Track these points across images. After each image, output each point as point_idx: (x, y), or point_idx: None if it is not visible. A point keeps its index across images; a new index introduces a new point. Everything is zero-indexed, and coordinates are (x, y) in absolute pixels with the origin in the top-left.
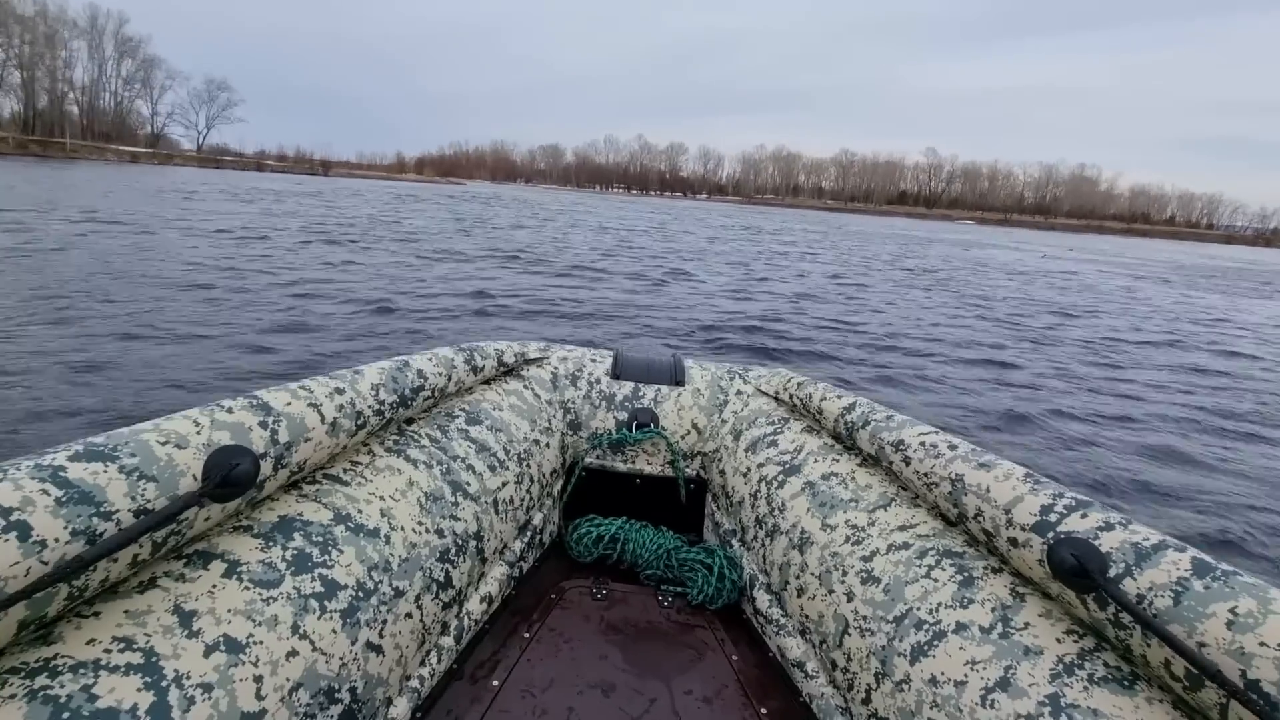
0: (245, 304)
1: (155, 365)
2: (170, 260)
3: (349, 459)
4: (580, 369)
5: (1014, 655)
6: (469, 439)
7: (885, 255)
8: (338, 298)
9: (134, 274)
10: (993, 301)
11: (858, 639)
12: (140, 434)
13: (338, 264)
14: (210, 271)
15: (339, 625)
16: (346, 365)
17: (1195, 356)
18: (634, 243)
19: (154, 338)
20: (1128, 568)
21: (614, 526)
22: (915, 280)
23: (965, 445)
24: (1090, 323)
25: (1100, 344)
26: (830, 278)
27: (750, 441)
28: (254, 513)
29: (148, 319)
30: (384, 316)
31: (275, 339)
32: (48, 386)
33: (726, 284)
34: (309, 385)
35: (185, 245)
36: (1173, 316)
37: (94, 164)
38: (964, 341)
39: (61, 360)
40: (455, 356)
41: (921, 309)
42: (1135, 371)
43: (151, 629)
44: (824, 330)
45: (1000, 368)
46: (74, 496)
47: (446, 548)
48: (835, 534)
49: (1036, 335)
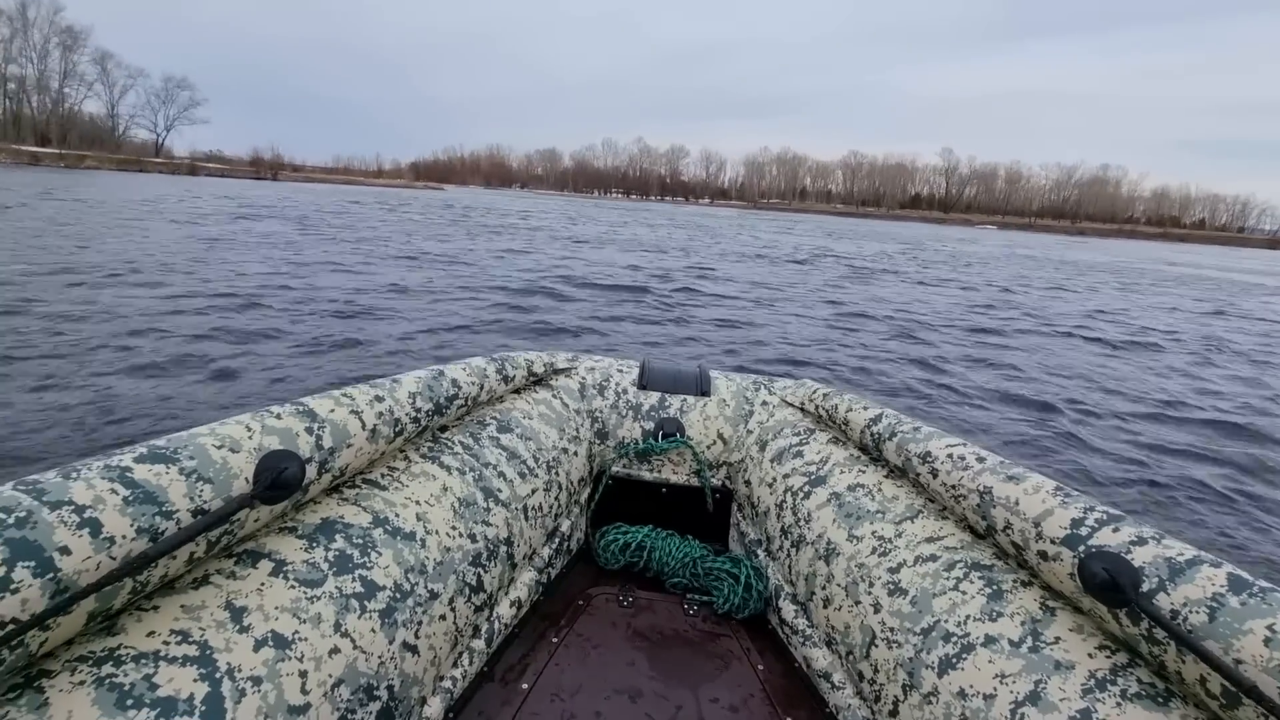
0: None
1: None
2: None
3: (387, 464)
4: (607, 379)
5: (1044, 669)
6: (500, 446)
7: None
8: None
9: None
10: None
11: (885, 650)
12: (198, 437)
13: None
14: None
15: (378, 625)
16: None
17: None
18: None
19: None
20: (1161, 583)
21: (640, 534)
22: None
23: (994, 458)
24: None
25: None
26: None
27: (776, 452)
28: (298, 514)
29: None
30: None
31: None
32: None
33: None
34: (351, 393)
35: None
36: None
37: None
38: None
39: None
40: (488, 366)
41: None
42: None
43: (206, 623)
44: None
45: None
46: (139, 496)
47: (478, 552)
48: (862, 545)
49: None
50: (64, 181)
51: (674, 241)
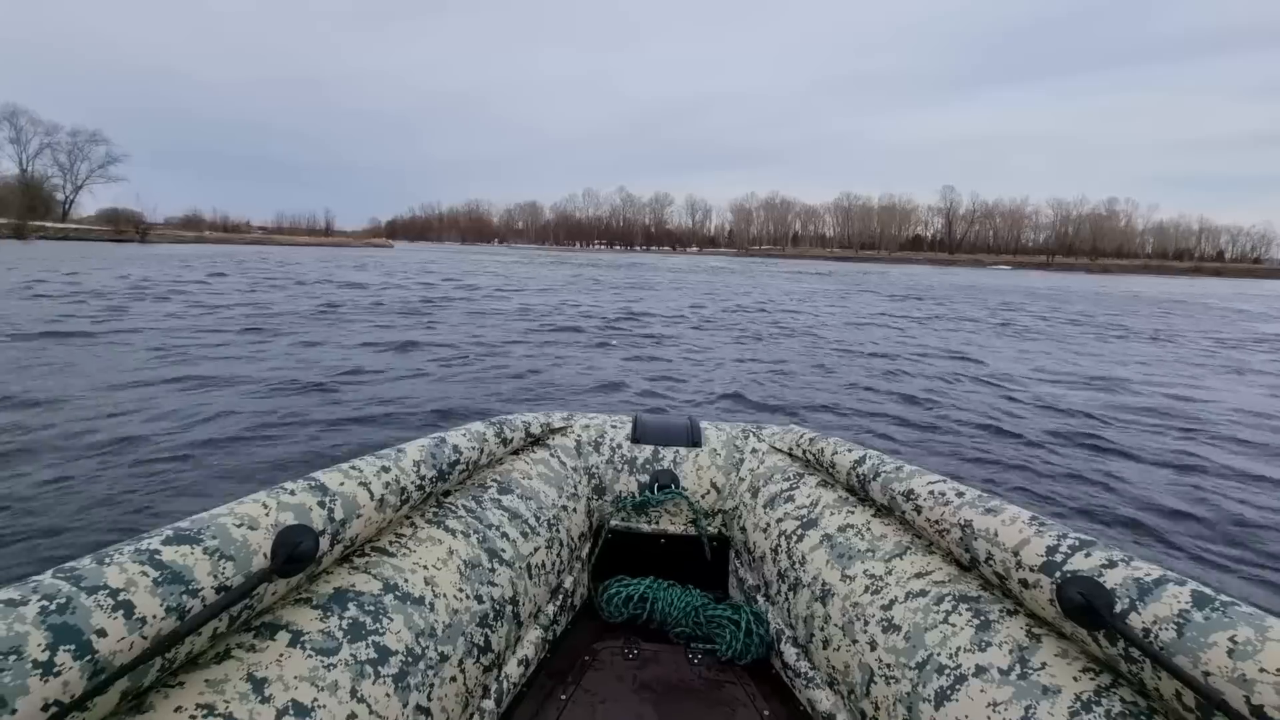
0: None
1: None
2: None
3: (395, 531)
4: (602, 435)
5: (1033, 695)
6: (502, 508)
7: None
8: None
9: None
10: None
11: (884, 687)
12: (219, 518)
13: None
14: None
15: (392, 689)
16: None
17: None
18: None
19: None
20: (1132, 603)
21: (642, 586)
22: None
23: (972, 492)
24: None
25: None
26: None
27: (768, 498)
28: (312, 585)
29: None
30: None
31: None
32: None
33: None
34: (359, 465)
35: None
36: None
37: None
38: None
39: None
40: (486, 430)
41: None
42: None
43: (229, 696)
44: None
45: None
46: (168, 577)
47: (485, 613)
48: (855, 584)
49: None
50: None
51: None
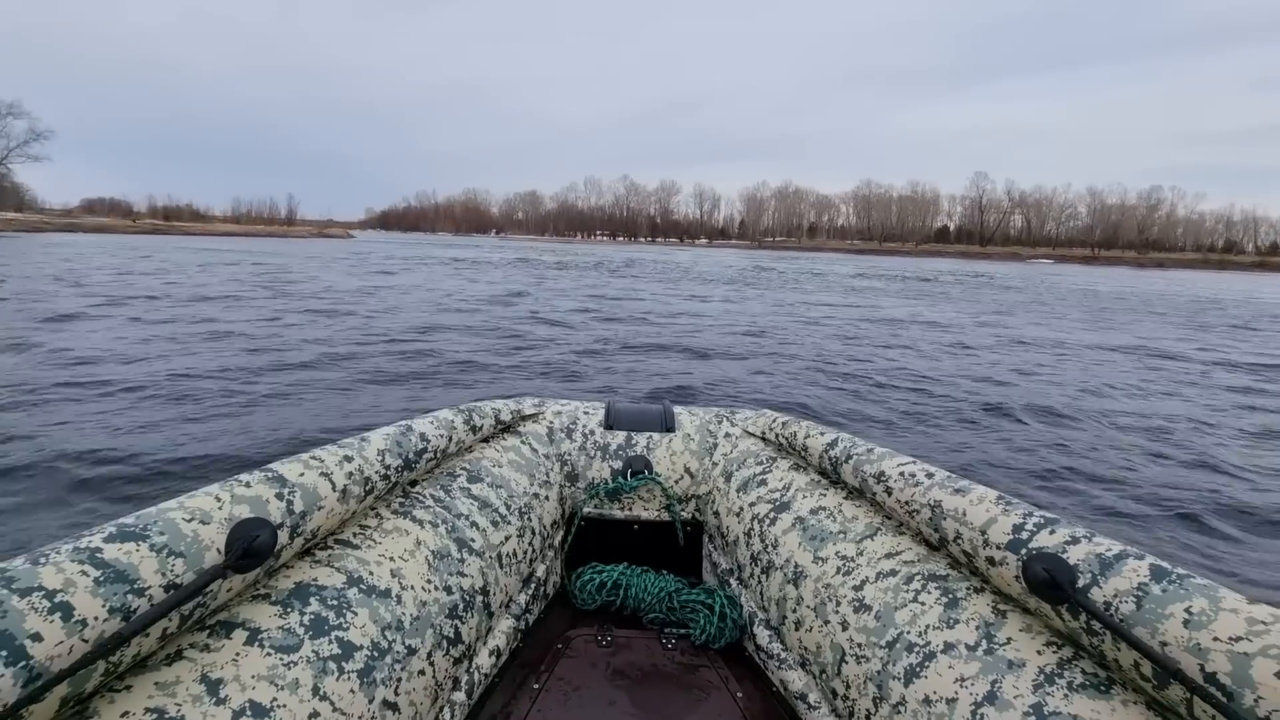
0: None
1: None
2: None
3: (358, 523)
4: (574, 422)
5: (999, 670)
6: (471, 496)
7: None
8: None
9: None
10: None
11: (854, 666)
12: (167, 512)
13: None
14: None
15: (356, 685)
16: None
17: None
18: None
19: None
20: (1094, 577)
21: (615, 573)
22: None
23: (941, 473)
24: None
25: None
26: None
27: (741, 482)
28: (271, 581)
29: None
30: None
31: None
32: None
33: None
34: (320, 455)
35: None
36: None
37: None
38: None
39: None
40: (455, 417)
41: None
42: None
43: (181, 699)
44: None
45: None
46: (110, 576)
47: (455, 604)
48: (827, 566)
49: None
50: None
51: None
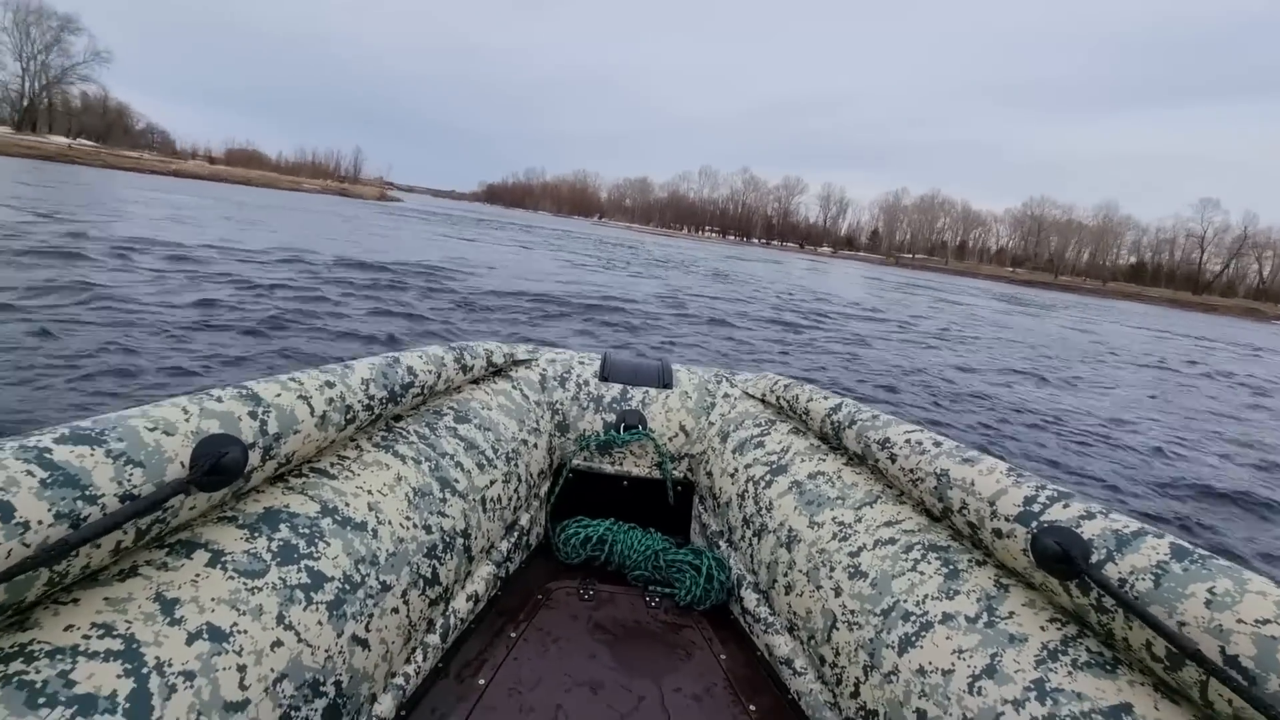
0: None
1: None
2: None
3: (336, 453)
4: (568, 371)
5: (999, 643)
6: (457, 437)
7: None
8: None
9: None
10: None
11: (845, 633)
12: (128, 419)
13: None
14: None
15: (325, 617)
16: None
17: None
18: None
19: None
20: (1109, 553)
21: (601, 528)
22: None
23: (949, 443)
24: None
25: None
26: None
27: (738, 443)
28: (239, 504)
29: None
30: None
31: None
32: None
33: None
34: (299, 377)
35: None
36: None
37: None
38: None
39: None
40: (445, 355)
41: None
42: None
43: (132, 616)
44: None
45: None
46: (59, 479)
47: (434, 544)
48: (823, 531)
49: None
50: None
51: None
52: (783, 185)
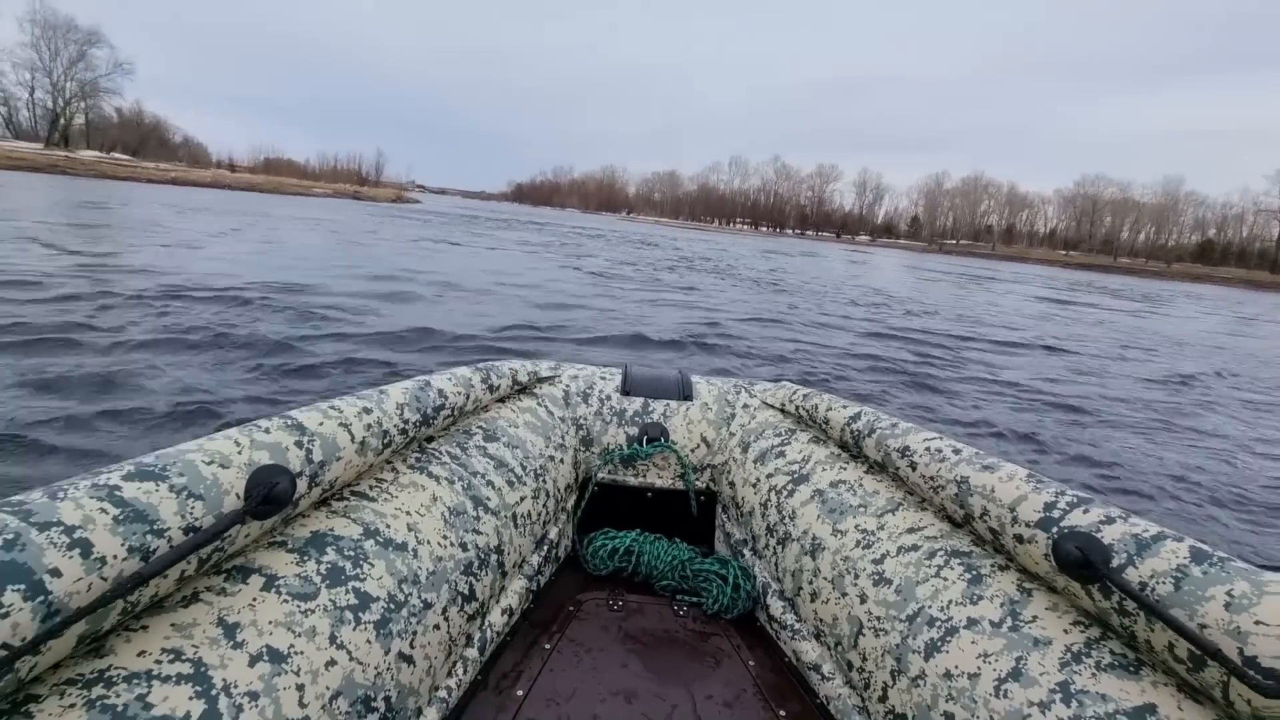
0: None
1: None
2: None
3: (375, 476)
4: (591, 386)
5: (1024, 647)
6: (487, 455)
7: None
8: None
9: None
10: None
11: (872, 639)
12: (186, 454)
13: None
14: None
15: (373, 636)
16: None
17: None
18: None
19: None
20: (1130, 557)
21: (628, 539)
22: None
23: (969, 450)
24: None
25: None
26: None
27: (759, 453)
28: (287, 529)
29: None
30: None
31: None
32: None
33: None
34: (339, 405)
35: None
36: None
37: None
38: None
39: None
40: (473, 376)
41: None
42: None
43: (198, 640)
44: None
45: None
46: (130, 515)
47: (469, 561)
48: (846, 539)
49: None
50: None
51: None
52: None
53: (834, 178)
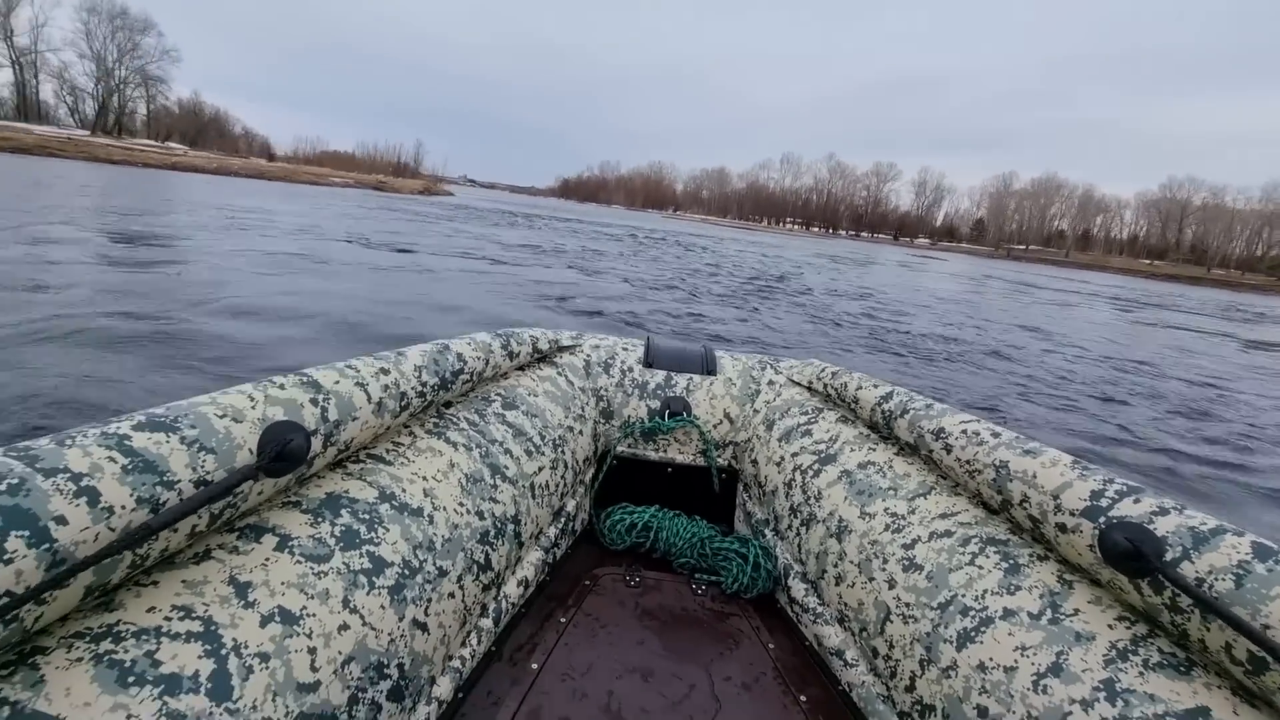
0: None
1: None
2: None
3: (391, 439)
4: (612, 357)
5: (1065, 641)
6: (505, 423)
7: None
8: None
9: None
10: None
11: (900, 626)
12: (198, 406)
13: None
14: None
15: (387, 601)
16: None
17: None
18: None
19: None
20: (1185, 551)
21: (647, 515)
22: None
23: (1008, 433)
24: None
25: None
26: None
27: (783, 431)
28: (302, 489)
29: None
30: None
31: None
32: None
33: None
34: (355, 365)
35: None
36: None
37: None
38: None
39: None
40: (493, 341)
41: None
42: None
43: (209, 598)
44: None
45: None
46: (139, 465)
47: (486, 530)
48: (874, 522)
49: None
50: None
51: None
52: (873, 171)
53: (891, 177)
